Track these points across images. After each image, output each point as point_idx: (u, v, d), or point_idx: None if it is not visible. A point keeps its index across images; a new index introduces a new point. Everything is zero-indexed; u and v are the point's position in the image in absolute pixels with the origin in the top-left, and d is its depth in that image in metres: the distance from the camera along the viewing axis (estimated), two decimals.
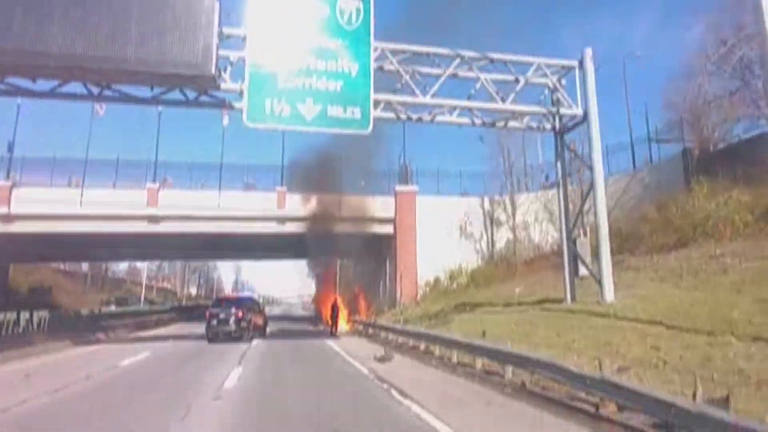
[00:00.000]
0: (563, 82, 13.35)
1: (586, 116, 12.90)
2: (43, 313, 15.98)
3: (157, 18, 10.60)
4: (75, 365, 11.79)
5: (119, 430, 5.92)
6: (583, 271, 13.39)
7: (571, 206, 15.00)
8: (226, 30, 11.95)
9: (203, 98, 12.56)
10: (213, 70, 10.87)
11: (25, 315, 14.83)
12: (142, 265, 57.11)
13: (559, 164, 14.07)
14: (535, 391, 7.67)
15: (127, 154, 44.20)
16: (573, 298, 13.76)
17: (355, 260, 34.05)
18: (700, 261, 12.92)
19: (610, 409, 6.10)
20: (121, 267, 59.13)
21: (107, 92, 12.17)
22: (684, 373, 6.58)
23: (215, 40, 10.93)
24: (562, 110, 13.25)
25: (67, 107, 69.64)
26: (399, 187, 27.35)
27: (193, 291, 75.91)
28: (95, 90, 12.09)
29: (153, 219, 25.81)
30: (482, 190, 28.37)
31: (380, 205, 27.36)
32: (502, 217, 27.33)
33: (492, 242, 27.64)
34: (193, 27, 10.73)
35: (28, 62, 10.11)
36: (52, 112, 70.42)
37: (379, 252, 28.60)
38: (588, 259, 13.47)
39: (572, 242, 13.71)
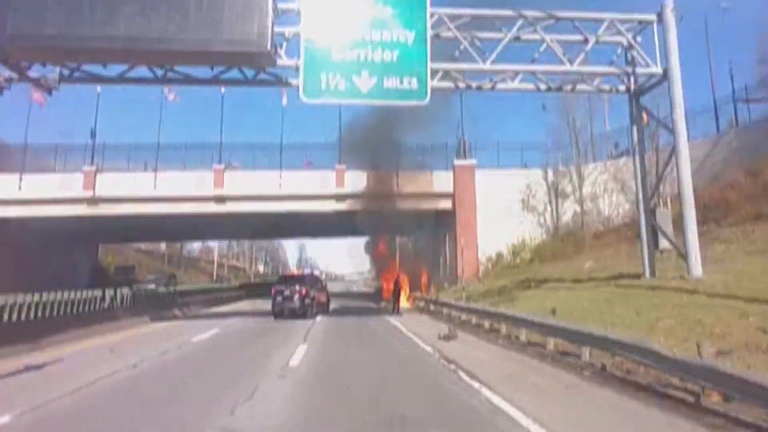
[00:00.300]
0: (638, 39, 12.04)
1: (666, 74, 11.61)
2: (126, 291, 17.06)
3: None
4: (153, 340, 12.46)
5: (195, 407, 6.03)
6: (663, 244, 12.24)
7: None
8: (281, 5, 11.92)
9: (261, 76, 12.68)
10: (269, 47, 10.89)
11: (110, 292, 15.86)
12: (214, 245, 60.35)
13: (634, 128, 12.84)
14: (618, 376, 7.04)
15: (194, 136, 46.57)
16: (653, 274, 12.67)
17: (414, 236, 33.81)
18: None
19: (713, 400, 5.41)
20: (195, 246, 62.89)
21: (171, 74, 12.57)
22: None
23: (270, 16, 10.92)
24: (639, 69, 12.03)
25: (141, 96, 75.20)
26: (457, 161, 26.63)
27: (261, 268, 79.45)
28: (159, 73, 12.50)
29: (219, 199, 26.92)
30: (544, 162, 26.96)
31: (438, 180, 26.82)
32: (568, 189, 25.84)
33: (557, 215, 26.29)
34: (248, 5, 10.81)
35: (98, 46, 10.61)
36: (128, 101, 75.65)
37: (438, 227, 28.15)
38: (669, 231, 12.27)
39: (651, 213, 12.52)
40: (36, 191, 23.96)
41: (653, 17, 11.99)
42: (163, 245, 51.79)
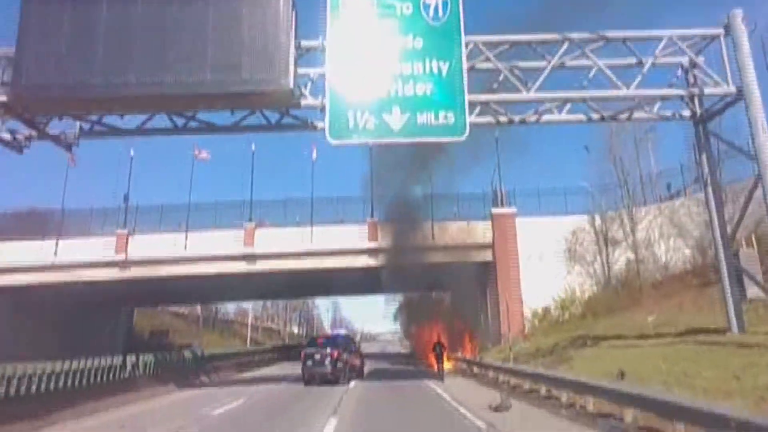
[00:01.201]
0: (701, 59, 10.89)
1: (741, 93, 10.25)
2: (149, 357, 16.18)
3: (232, 38, 10.38)
4: (171, 413, 11.36)
5: None
6: (752, 292, 10.42)
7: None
8: (305, 43, 11.50)
9: (286, 120, 12.20)
10: (291, 84, 10.35)
11: (131, 359, 15.00)
12: (248, 306, 59.75)
13: (704, 158, 11.36)
14: None
15: (226, 194, 47.78)
16: (741, 328, 10.76)
17: (452, 292, 32.08)
18: None
19: None
20: (230, 309, 62.50)
21: (192, 124, 12.27)
22: None
23: (292, 52, 10.47)
24: (707, 90, 10.73)
25: (173, 157, 79.64)
26: (495, 210, 25.39)
27: (295, 330, 77.91)
28: (180, 122, 12.22)
29: (250, 258, 26.42)
30: (589, 207, 25.28)
31: (477, 230, 25.56)
32: (618, 235, 23.90)
33: (608, 265, 24.22)
34: (269, 42, 10.37)
35: (113, 94, 10.34)
36: (162, 164, 79.95)
37: (478, 282, 26.49)
38: (759, 276, 10.50)
39: (734, 255, 10.81)
40: (71, 256, 24.12)
41: (720, 30, 10.81)
42: (198, 308, 51.56)
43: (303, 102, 11.56)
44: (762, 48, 15.04)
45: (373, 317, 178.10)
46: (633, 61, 11.11)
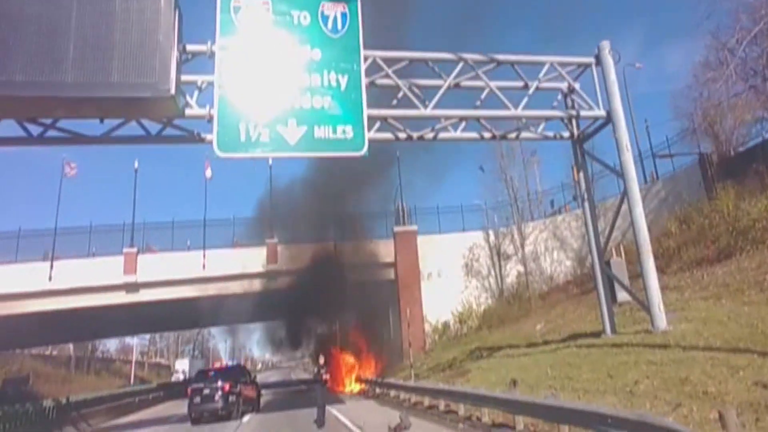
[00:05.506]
0: (577, 85, 11.96)
1: (609, 117, 11.35)
2: None
3: (99, 35, 9.01)
4: None
5: None
6: (622, 296, 11.39)
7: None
8: (191, 47, 10.53)
9: (167, 131, 10.94)
10: (172, 90, 9.19)
11: None
12: (133, 341, 53.74)
13: (581, 176, 12.34)
14: None
15: (106, 220, 43.00)
16: (613, 330, 11.69)
17: (357, 313, 31.72)
18: (759, 271, 11.03)
19: None
20: (111, 345, 55.64)
21: (51, 133, 10.53)
22: None
23: (175, 55, 9.33)
24: (583, 113, 11.74)
25: (28, 171, 69.81)
26: (397, 228, 25.70)
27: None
28: (35, 130, 10.43)
29: (131, 287, 23.89)
30: (485, 223, 26.70)
31: (380, 249, 25.57)
32: (510, 250, 25.44)
33: (501, 278, 25.59)
34: (146, 44, 9.17)
35: None
36: (18, 180, 69.99)
37: (380, 300, 26.44)
38: (626, 282, 11.52)
39: (606, 264, 11.78)
40: None
41: (591, 60, 11.94)
42: (71, 347, 45.10)
43: (188, 111, 10.58)
44: (624, 78, 17.18)
45: None
46: (520, 84, 11.85)
